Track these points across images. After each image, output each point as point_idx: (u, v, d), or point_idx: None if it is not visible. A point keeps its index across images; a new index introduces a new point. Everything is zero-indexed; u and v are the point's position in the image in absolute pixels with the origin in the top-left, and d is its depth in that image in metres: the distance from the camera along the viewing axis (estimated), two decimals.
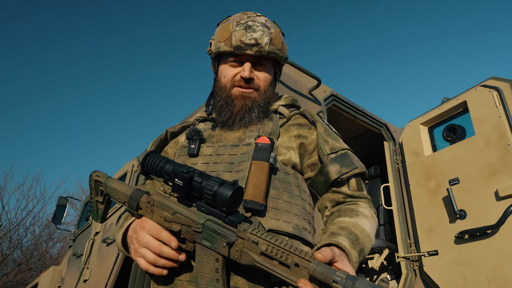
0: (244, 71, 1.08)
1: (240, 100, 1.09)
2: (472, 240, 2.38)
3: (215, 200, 0.77)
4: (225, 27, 1.10)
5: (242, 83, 1.09)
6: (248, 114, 1.09)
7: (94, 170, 1.06)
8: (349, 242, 0.83)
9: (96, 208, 1.06)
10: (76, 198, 9.19)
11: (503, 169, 2.32)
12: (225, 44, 1.08)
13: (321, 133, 1.07)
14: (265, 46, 1.06)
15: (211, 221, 0.80)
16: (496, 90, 2.49)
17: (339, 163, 1.02)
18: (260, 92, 1.11)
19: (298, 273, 0.68)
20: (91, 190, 1.06)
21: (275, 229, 0.91)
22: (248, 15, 1.11)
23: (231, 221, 0.78)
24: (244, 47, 1.05)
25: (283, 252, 0.70)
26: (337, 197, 1.04)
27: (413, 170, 2.92)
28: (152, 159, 0.88)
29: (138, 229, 0.87)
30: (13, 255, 13.80)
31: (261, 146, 0.98)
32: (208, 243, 0.80)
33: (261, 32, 1.06)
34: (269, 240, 0.72)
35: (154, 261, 0.83)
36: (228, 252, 0.77)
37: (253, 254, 0.74)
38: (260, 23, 1.08)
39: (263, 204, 0.90)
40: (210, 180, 0.77)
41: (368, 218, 0.98)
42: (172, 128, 1.21)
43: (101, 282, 3.11)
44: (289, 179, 1.02)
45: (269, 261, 0.72)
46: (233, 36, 1.06)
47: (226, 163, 1.01)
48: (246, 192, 0.90)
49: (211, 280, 0.80)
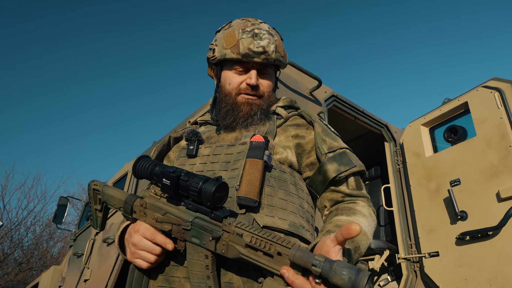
0: (251, 78, 1.11)
1: (246, 106, 1.12)
2: (473, 241, 2.37)
3: (200, 197, 0.80)
4: (230, 34, 1.11)
5: (249, 90, 1.12)
6: (251, 117, 1.11)
7: (92, 179, 1.10)
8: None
9: (95, 217, 1.11)
10: (77, 198, 9.19)
11: (504, 170, 2.31)
12: (231, 51, 1.09)
13: (318, 133, 1.07)
14: (272, 54, 1.09)
15: (199, 218, 0.83)
16: (498, 91, 2.48)
17: (337, 161, 1.02)
18: (264, 98, 1.14)
19: (280, 261, 0.70)
20: (90, 199, 1.10)
21: (270, 226, 0.92)
22: (251, 22, 1.13)
23: (217, 216, 0.80)
24: (252, 54, 1.07)
25: (266, 242, 0.72)
26: (335, 196, 1.03)
27: (414, 171, 2.92)
28: (142, 163, 0.92)
29: (132, 232, 0.91)
30: (14, 254, 13.84)
31: (255, 144, 0.99)
32: (197, 240, 0.82)
33: (268, 40, 1.08)
34: (252, 232, 0.74)
35: (154, 262, 0.88)
36: (215, 247, 0.79)
37: (239, 247, 0.75)
38: (266, 31, 1.10)
39: (257, 201, 0.91)
40: (195, 178, 0.81)
41: (366, 216, 0.97)
42: (175, 134, 1.24)
43: (101, 282, 3.11)
44: (285, 177, 1.03)
45: (254, 253, 0.74)
46: (241, 44, 1.08)
47: (223, 162, 1.03)
48: (240, 189, 0.92)
49: (202, 277, 0.82)
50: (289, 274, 0.67)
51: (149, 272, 0.94)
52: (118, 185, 3.85)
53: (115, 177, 4.08)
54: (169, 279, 0.91)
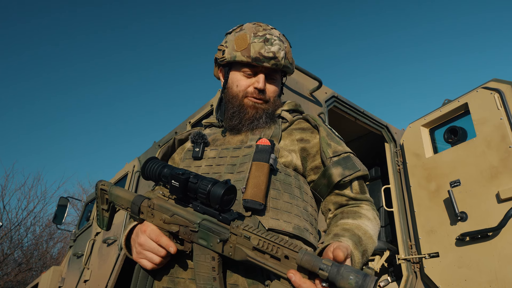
0: (259, 82, 1.12)
1: (252, 109, 1.13)
2: (473, 242, 2.38)
3: (208, 199, 0.80)
4: (241, 37, 1.12)
5: (256, 94, 1.13)
6: (256, 120, 1.13)
7: (100, 180, 1.11)
8: (352, 243, 0.84)
9: (102, 216, 1.11)
10: (77, 198, 9.21)
11: (504, 171, 2.32)
12: (242, 54, 1.11)
13: (323, 137, 1.08)
14: (281, 60, 1.11)
15: (206, 220, 0.83)
16: (498, 92, 2.49)
17: (341, 166, 1.03)
18: (269, 103, 1.16)
19: (288, 264, 0.70)
20: (97, 199, 1.11)
21: (275, 229, 0.93)
22: (263, 27, 1.14)
23: (225, 219, 0.81)
24: (262, 59, 1.09)
25: (274, 246, 0.72)
26: (340, 199, 1.05)
27: (414, 172, 2.92)
28: (151, 165, 0.93)
29: (139, 233, 0.92)
30: (14, 255, 13.82)
31: (261, 147, 1.00)
32: (204, 242, 0.83)
33: (278, 46, 1.10)
34: (260, 235, 0.74)
35: (159, 263, 0.89)
36: (222, 249, 0.80)
37: (246, 249, 0.76)
38: (276, 37, 1.12)
39: (263, 204, 0.92)
40: (204, 180, 0.81)
41: (371, 220, 0.99)
42: (180, 136, 1.25)
43: (101, 283, 3.12)
44: (290, 181, 1.04)
45: (261, 255, 0.74)
46: (252, 48, 1.09)
47: (229, 165, 1.03)
48: (246, 192, 0.93)
49: (208, 279, 0.82)
50: (296, 278, 0.67)
51: (154, 273, 0.95)
52: (119, 185, 3.84)
53: (115, 177, 4.08)
54: (174, 280, 0.92)
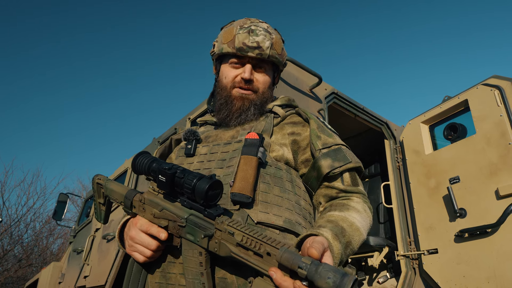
0: (245, 72, 1.13)
1: (239, 101, 1.14)
2: (472, 238, 2.38)
3: (194, 194, 0.80)
4: (229, 30, 1.15)
5: (242, 84, 1.14)
6: (244, 112, 1.13)
7: (96, 174, 1.11)
8: (332, 234, 0.82)
9: (99, 210, 1.12)
10: (76, 194, 9.23)
11: (503, 168, 2.32)
12: (228, 46, 1.12)
13: (313, 129, 1.08)
14: (266, 50, 1.11)
15: (193, 215, 0.83)
16: (498, 89, 2.48)
17: (331, 157, 1.02)
18: (258, 94, 1.16)
19: (270, 261, 0.70)
20: (94, 193, 1.12)
21: (264, 222, 0.92)
22: (251, 20, 1.16)
23: (210, 214, 0.80)
24: (246, 49, 1.10)
25: (257, 242, 0.72)
26: (330, 192, 1.03)
27: (414, 169, 2.92)
28: (141, 159, 0.93)
29: (131, 226, 0.93)
30: (14, 251, 13.85)
31: (250, 141, 1.00)
32: (192, 237, 0.83)
33: (263, 36, 1.11)
34: (244, 231, 0.74)
35: (150, 257, 0.90)
36: (208, 244, 0.80)
37: (230, 245, 0.76)
38: (263, 28, 1.13)
39: (250, 197, 0.91)
40: (189, 175, 0.81)
41: (360, 212, 0.97)
42: (176, 136, 1.26)
43: (101, 278, 3.12)
44: (281, 174, 1.03)
45: (245, 252, 0.74)
46: (236, 39, 1.11)
47: (219, 160, 1.04)
48: (233, 186, 0.93)
49: (196, 274, 0.82)
50: (277, 276, 0.66)
51: (147, 268, 0.95)
52: (118, 181, 3.83)
53: (115, 173, 4.09)
54: (166, 275, 0.92)
